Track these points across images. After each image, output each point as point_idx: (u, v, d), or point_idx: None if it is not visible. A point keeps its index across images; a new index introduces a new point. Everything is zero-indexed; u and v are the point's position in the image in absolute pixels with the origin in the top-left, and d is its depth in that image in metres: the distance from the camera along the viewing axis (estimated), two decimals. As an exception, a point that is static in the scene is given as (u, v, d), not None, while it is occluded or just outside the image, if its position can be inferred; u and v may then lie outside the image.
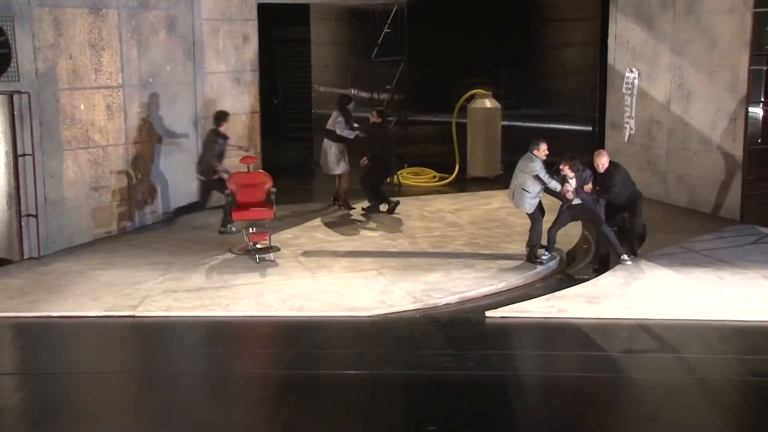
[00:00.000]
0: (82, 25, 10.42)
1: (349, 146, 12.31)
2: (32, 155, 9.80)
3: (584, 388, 6.74)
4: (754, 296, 8.60)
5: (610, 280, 9.20)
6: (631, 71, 13.01)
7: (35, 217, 9.90)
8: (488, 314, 8.28)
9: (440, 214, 12.33)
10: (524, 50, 16.34)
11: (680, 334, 7.86)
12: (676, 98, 12.36)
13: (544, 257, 9.74)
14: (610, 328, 7.97)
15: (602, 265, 9.73)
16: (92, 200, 10.73)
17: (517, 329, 8.11)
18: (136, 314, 8.26)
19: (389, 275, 9.40)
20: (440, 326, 8.14)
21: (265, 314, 8.32)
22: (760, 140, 13.81)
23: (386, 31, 15.17)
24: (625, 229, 10.30)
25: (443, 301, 8.71)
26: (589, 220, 9.96)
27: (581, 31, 15.30)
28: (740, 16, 11.33)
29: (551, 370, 7.20)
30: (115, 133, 10.96)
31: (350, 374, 6.99)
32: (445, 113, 15.54)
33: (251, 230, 10.15)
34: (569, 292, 8.88)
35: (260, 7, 12.91)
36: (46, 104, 10.05)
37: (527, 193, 9.63)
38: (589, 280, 9.29)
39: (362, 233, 11.21)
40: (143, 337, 7.96)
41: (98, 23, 10.62)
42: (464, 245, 10.61)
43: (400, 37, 15.23)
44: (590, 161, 9.81)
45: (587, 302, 8.54)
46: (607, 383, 6.82)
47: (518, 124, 16.45)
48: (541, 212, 9.87)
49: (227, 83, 12.60)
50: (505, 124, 15.44)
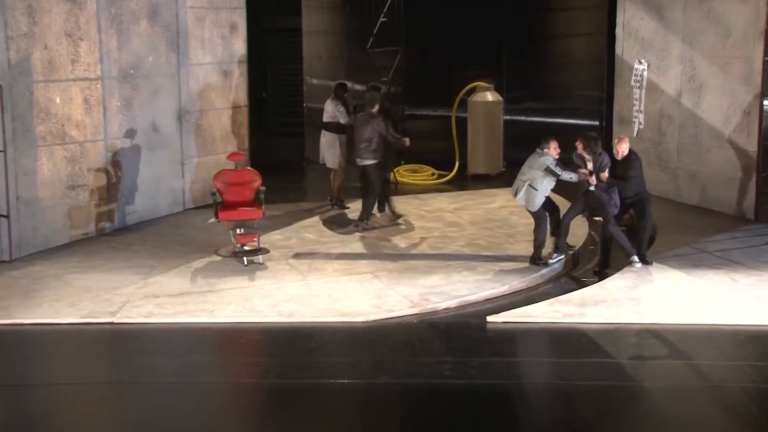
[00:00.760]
0: (58, 13, 10.38)
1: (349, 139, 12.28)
2: (4, 151, 9.75)
3: (591, 396, 6.73)
4: (769, 299, 8.60)
5: (617, 282, 9.20)
6: (639, 63, 13.01)
7: (7, 217, 9.85)
8: (490, 319, 8.27)
9: (439, 213, 12.32)
10: (528, 41, 16.35)
11: (691, 339, 7.86)
12: (687, 91, 12.36)
13: (551, 260, 9.73)
14: (618, 333, 7.97)
15: (604, 266, 9.72)
16: (69, 199, 10.69)
17: (520, 335, 8.10)
18: (115, 321, 8.22)
19: (385, 278, 9.39)
20: (439, 332, 8.12)
21: (253, 320, 8.29)
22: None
23: (382, 20, 15.16)
24: (633, 228, 10.29)
25: (442, 305, 8.69)
26: (598, 213, 9.93)
27: (587, 20, 15.31)
28: (754, 4, 11.34)
29: (556, 377, 7.19)
30: (93, 128, 10.92)
31: (344, 384, 6.97)
32: (444, 107, 15.54)
33: (239, 231, 10.13)
34: (575, 295, 8.87)
35: (249, -6, 12.92)
36: (19, 97, 10.00)
37: (535, 190, 9.62)
38: (595, 283, 9.28)
39: (357, 234, 11.19)
40: (123, 345, 7.92)
41: (75, 11, 10.58)
42: (464, 246, 10.60)
43: (397, 26, 15.22)
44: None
45: (594, 306, 8.53)
46: (615, 391, 6.81)
47: (521, 118, 16.45)
48: (548, 211, 9.84)
49: (214, 75, 12.57)
50: (507, 118, 15.43)
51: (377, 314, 8.39)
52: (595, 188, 9.57)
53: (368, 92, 11.86)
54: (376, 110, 11.21)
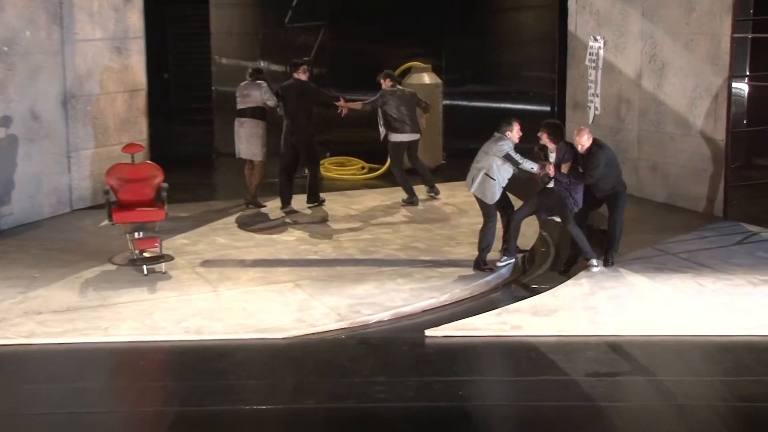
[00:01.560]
0: None
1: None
2: None
3: (544, 419, 6.82)
4: (739, 306, 8.84)
5: (572, 290, 9.35)
6: (595, 40, 13.24)
7: None
8: (428, 333, 8.32)
9: (370, 212, 12.36)
10: (470, 15, 16.49)
11: (655, 352, 8.03)
12: (648, 72, 12.63)
13: (500, 262, 9.85)
14: (573, 347, 8.09)
15: (568, 265, 9.90)
16: (-68, 200, 10.46)
17: (463, 350, 8.17)
18: (-10, 342, 8.07)
19: (309, 288, 9.38)
20: (371, 349, 8.14)
21: (154, 338, 8.22)
22: (745, 121, 14.23)
23: (303, -10, 15.16)
24: (593, 229, 10.48)
25: (374, 318, 8.72)
26: (556, 212, 10.09)
27: (536, -9, 15.56)
28: (721, -26, 11.62)
29: (504, 398, 7.27)
30: (-40, 115, 10.70)
31: (262, 410, 6.94)
32: (375, 90, 15.52)
33: (137, 235, 10.03)
34: (524, 304, 8.99)
35: (146, -41, 12.80)
36: None
37: (492, 180, 9.68)
38: (547, 290, 9.42)
39: (275, 238, 11.17)
40: None
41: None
42: (399, 250, 10.65)
43: (320, -3, 15.25)
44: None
45: (546, 317, 8.66)
46: (570, 413, 6.91)
47: (463, 103, 16.60)
48: (500, 208, 9.92)
49: (105, 53, 12.43)
50: (446, 103, 15.56)
51: (300, 329, 8.37)
52: (555, 183, 9.70)
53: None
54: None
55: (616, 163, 9.99)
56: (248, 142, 12.16)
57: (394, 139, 12.66)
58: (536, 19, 15.91)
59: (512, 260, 10.01)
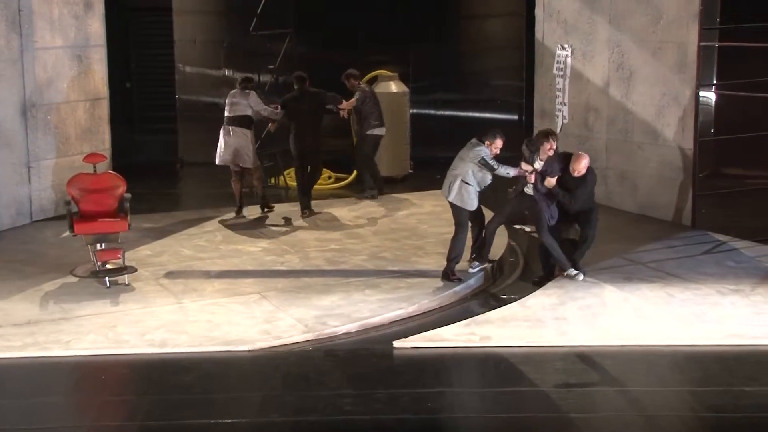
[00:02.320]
0: None
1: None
2: None
3: (513, 431, 6.85)
4: (708, 316, 8.93)
5: (541, 300, 9.40)
6: (563, 48, 13.34)
7: None
8: (396, 344, 8.33)
9: (337, 222, 12.37)
10: (436, 22, 16.56)
11: (624, 363, 8.09)
12: (615, 80, 12.75)
13: (471, 269, 9.90)
14: (542, 357, 8.14)
15: (547, 276, 9.94)
16: None
17: (431, 362, 8.18)
18: (-52, 357, 7.99)
19: (275, 299, 9.37)
20: (338, 361, 8.15)
21: (118, 352, 8.17)
22: (713, 130, 14.39)
23: (267, -3, 15.13)
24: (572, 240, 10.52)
25: (342, 329, 8.72)
26: (530, 219, 10.11)
27: (504, -1, 15.66)
28: (687, -18, 11.76)
29: (473, 410, 7.29)
30: None
31: (227, 424, 6.90)
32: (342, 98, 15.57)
33: (99, 247, 9.97)
34: (493, 315, 9.03)
35: (108, -34, 12.76)
36: None
37: (469, 186, 9.72)
38: (516, 300, 9.46)
39: (241, 248, 11.14)
40: (-42, 385, 7.70)
41: None
42: (367, 260, 10.66)
43: (285, 5, 15.20)
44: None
45: (515, 327, 8.69)
46: (539, 424, 6.95)
47: (430, 112, 16.66)
48: (472, 217, 9.96)
49: (65, 61, 12.37)
50: (414, 112, 15.60)
51: (266, 342, 8.36)
52: (534, 193, 9.71)
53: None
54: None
55: (594, 187, 10.01)
56: (239, 150, 12.27)
57: (375, 132, 13.35)
58: (503, 26, 16.01)
59: (484, 266, 10.04)
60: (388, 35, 16.33)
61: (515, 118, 16.07)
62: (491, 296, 9.87)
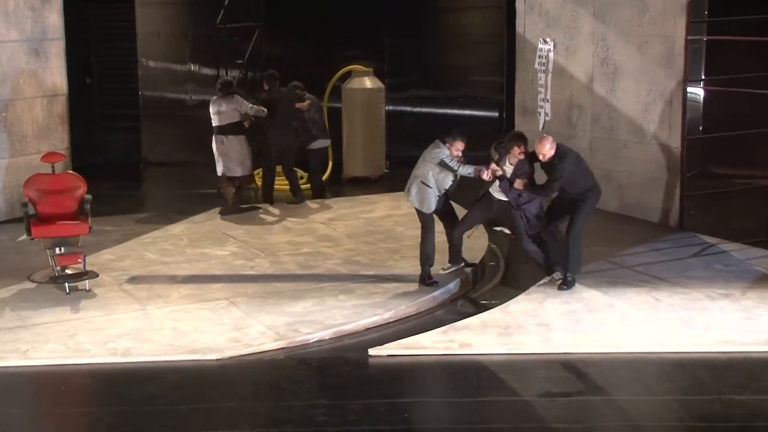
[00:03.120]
0: None
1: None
2: None
3: (494, 442, 6.88)
4: (696, 322, 8.98)
5: (523, 305, 9.44)
6: (545, 42, 13.40)
7: None
8: (372, 352, 8.34)
9: (309, 225, 12.37)
10: (412, 16, 16.57)
11: (610, 370, 8.13)
12: (600, 76, 12.81)
13: (443, 270, 9.94)
14: (524, 365, 8.16)
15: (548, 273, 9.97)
16: None
17: (408, 370, 8.20)
18: None
19: (244, 306, 9.36)
20: (311, 370, 8.15)
21: (78, 361, 8.14)
22: (701, 128, 14.46)
23: (235, -12, 15.12)
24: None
25: (315, 337, 8.72)
26: (507, 227, 10.11)
27: (483, -9, 15.70)
28: (674, -27, 11.83)
29: (452, 421, 7.31)
30: None
31: (194, 437, 6.90)
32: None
33: (58, 251, 9.92)
34: (473, 321, 9.05)
35: (66, -45, 12.71)
36: None
37: (428, 188, 9.76)
38: (497, 305, 9.49)
39: (209, 252, 11.12)
40: None
41: None
42: (341, 265, 10.67)
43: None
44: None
45: (496, 334, 8.72)
46: (522, 435, 6.98)
47: (406, 109, 16.67)
48: (443, 217, 9.98)
49: (21, 56, 12.31)
50: (389, 109, 15.62)
51: (235, 350, 8.35)
52: (510, 197, 9.72)
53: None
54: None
55: (583, 169, 9.86)
56: (239, 159, 12.59)
57: (319, 145, 13.70)
58: (483, 20, 16.03)
59: (461, 265, 10.07)
60: (361, 28, 16.33)
61: (495, 115, 16.10)
62: (471, 301, 9.90)
